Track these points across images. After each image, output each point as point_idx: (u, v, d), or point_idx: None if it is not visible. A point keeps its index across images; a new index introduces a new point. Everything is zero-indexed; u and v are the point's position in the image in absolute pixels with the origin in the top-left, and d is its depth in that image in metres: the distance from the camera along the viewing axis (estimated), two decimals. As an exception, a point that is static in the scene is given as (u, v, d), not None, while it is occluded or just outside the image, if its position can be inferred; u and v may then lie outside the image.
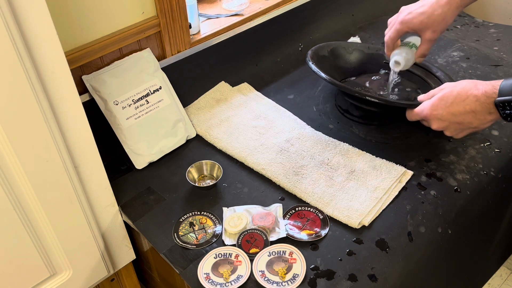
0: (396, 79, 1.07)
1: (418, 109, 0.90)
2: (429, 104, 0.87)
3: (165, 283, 1.04)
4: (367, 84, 1.14)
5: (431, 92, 0.89)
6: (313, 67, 1.01)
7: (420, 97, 0.93)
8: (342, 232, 0.82)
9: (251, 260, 0.78)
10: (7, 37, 0.58)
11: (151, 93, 0.98)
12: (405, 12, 0.96)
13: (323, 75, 0.99)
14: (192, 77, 1.11)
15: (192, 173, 0.93)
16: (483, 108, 0.80)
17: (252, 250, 0.79)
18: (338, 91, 1.14)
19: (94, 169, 0.79)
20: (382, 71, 1.16)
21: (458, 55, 1.25)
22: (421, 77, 1.11)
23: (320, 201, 0.87)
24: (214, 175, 0.93)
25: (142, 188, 0.93)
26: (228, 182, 0.93)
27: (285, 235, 0.81)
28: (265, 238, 0.80)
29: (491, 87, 0.79)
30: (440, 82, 1.06)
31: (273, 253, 0.78)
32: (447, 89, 0.85)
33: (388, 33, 0.99)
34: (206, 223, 0.85)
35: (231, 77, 1.16)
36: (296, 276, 0.75)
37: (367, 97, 0.94)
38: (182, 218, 0.86)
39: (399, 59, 0.99)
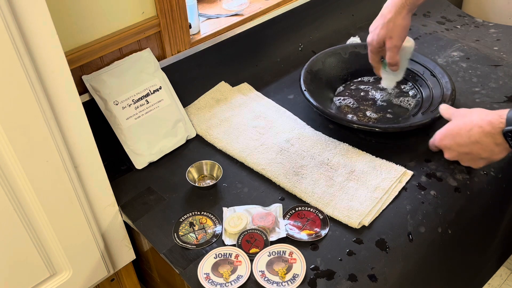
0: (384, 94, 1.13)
1: (432, 139, 0.91)
2: (438, 134, 0.88)
3: (165, 283, 1.04)
4: (363, 90, 1.14)
5: (451, 111, 0.89)
6: (306, 94, 1.03)
7: (441, 107, 0.92)
8: (342, 232, 0.82)
9: (251, 260, 0.78)
10: (7, 37, 0.58)
11: (151, 93, 0.98)
12: (370, 34, 1.02)
13: (314, 103, 1.00)
14: (192, 77, 1.11)
15: (192, 173, 0.93)
16: (488, 138, 0.79)
17: (252, 250, 0.79)
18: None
19: (94, 169, 0.79)
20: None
21: (458, 55, 1.25)
22: (419, 75, 1.11)
23: (320, 201, 0.87)
24: (214, 175, 0.93)
25: (142, 188, 0.93)
26: (228, 182, 0.93)
27: (285, 235, 0.81)
28: (265, 238, 0.80)
29: (497, 117, 0.77)
30: (437, 80, 1.06)
31: (273, 253, 0.78)
32: (457, 118, 0.85)
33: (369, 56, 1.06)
34: (206, 223, 0.85)
35: (231, 77, 1.16)
36: (296, 276, 0.75)
37: (354, 125, 0.97)
38: (182, 218, 0.86)
39: (383, 85, 1.10)
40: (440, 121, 1.02)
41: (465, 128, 0.82)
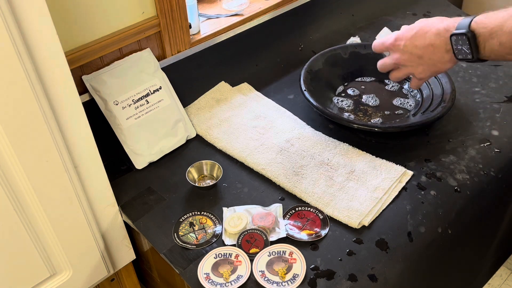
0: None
1: (383, 39, 0.88)
2: (394, 34, 0.86)
3: (165, 283, 1.04)
4: (364, 88, 1.14)
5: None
6: (306, 94, 1.03)
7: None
8: (342, 232, 0.82)
9: (251, 260, 0.78)
10: (7, 37, 0.58)
11: (151, 93, 0.98)
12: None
13: (314, 103, 1.01)
14: (192, 77, 1.11)
15: (192, 173, 0.93)
16: (441, 42, 0.79)
17: (252, 250, 0.79)
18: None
19: (94, 169, 0.79)
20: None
21: (458, 55, 1.25)
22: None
23: (320, 201, 0.87)
24: (214, 175, 0.93)
25: (142, 188, 0.93)
26: (228, 182, 0.93)
27: (285, 235, 0.81)
28: (265, 238, 0.80)
29: (452, 22, 0.77)
30: (437, 80, 1.06)
31: (273, 253, 0.78)
32: (416, 22, 0.84)
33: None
34: (206, 223, 0.85)
35: (231, 77, 1.16)
36: (296, 276, 0.75)
37: (354, 125, 0.97)
38: (182, 218, 0.86)
39: None
40: (440, 121, 1.03)
41: (423, 30, 0.81)
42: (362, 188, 0.88)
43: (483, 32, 0.73)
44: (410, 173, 0.91)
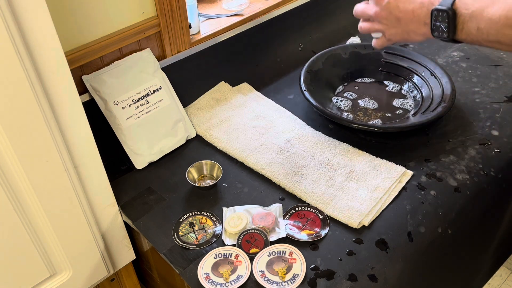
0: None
1: None
2: None
3: (165, 283, 1.04)
4: (363, 89, 1.14)
5: None
6: (306, 94, 1.03)
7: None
8: (342, 232, 0.82)
9: (251, 260, 0.78)
10: (7, 37, 0.58)
11: (151, 93, 0.98)
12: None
13: (314, 103, 1.01)
14: (192, 77, 1.11)
15: (192, 173, 0.93)
16: (421, 13, 0.78)
17: (252, 250, 0.79)
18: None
19: (94, 169, 0.79)
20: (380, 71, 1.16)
21: (458, 55, 1.25)
22: (419, 75, 1.11)
23: (320, 201, 0.87)
24: (214, 175, 0.93)
25: (142, 188, 0.93)
26: (228, 182, 0.93)
27: (285, 235, 0.81)
28: (265, 238, 0.80)
29: None
30: (437, 80, 1.06)
31: (273, 253, 0.78)
32: None
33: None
34: (206, 223, 0.85)
35: (231, 77, 1.16)
36: (296, 276, 0.75)
37: (354, 125, 0.97)
38: (182, 218, 0.86)
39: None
40: (440, 121, 1.03)
41: None
42: (362, 188, 0.88)
43: (464, 13, 0.72)
44: (410, 173, 0.91)
